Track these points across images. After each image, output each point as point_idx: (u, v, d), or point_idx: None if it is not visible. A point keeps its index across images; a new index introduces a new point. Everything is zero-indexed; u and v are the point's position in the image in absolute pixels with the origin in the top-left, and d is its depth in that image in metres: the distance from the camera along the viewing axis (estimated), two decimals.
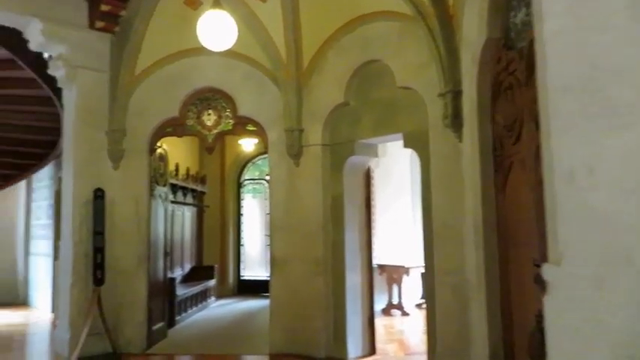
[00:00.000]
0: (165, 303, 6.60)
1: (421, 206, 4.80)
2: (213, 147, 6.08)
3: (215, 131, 6.03)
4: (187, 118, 6.02)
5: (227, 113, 5.99)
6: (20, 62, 6.22)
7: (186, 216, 9.24)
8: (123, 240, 5.84)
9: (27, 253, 9.72)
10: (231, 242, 10.72)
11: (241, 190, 11.02)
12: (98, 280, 5.52)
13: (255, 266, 10.89)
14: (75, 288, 5.53)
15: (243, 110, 5.90)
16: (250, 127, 6.00)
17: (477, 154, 3.52)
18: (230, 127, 6.01)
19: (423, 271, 4.98)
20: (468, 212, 3.85)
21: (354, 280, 5.50)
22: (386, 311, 7.92)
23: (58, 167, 8.62)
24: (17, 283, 9.66)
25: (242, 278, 10.85)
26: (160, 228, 6.44)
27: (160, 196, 6.47)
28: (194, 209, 9.73)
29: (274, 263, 5.72)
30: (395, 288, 8.03)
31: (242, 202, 11.00)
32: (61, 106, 6.16)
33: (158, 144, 6.29)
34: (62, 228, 5.81)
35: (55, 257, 7.29)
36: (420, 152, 4.80)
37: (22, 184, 9.63)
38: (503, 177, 3.23)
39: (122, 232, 5.84)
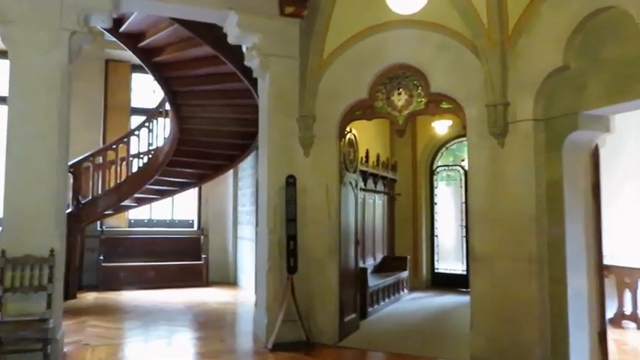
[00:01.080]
0: (356, 294, 6.37)
1: None
2: (403, 130, 5.58)
3: (406, 112, 5.51)
4: (376, 100, 5.63)
5: (419, 91, 5.42)
6: (222, 57, 6.58)
7: (377, 204, 8.97)
8: (314, 228, 5.74)
9: (235, 236, 10.58)
10: (424, 232, 10.15)
11: (434, 177, 10.34)
12: (291, 268, 5.50)
13: (449, 258, 10.15)
14: (270, 274, 5.61)
15: (437, 86, 5.26)
16: (445, 105, 5.33)
17: None
18: (422, 107, 5.44)
19: None
20: None
21: (577, 284, 4.47)
22: (615, 322, 6.50)
23: (259, 158, 9.11)
24: (228, 265, 10.60)
25: (436, 271, 10.21)
26: (350, 216, 6.21)
27: (350, 183, 6.23)
28: (384, 197, 9.41)
29: (474, 258, 4.99)
30: (627, 294, 6.54)
31: (435, 190, 10.32)
32: (258, 96, 6.33)
33: (347, 129, 6.05)
34: (258, 214, 5.96)
35: (256, 242, 7.67)
36: None
37: (230, 173, 10.49)
38: None
39: (313, 219, 5.75)
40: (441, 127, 8.67)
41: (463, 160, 10.04)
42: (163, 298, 8.53)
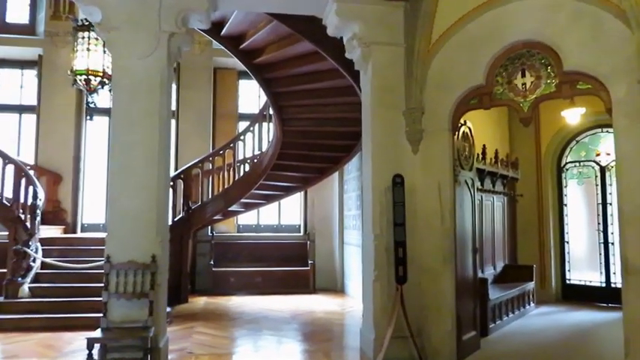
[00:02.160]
0: (476, 307, 5.61)
1: None
2: (529, 118, 4.76)
3: (532, 97, 4.70)
4: (495, 85, 4.89)
5: (548, 71, 4.59)
6: (322, 52, 6.23)
7: (496, 206, 8.05)
8: (425, 233, 5.13)
9: (342, 242, 10.20)
10: (552, 238, 8.96)
11: (563, 175, 9.11)
12: (400, 278, 4.94)
13: (583, 268, 8.85)
14: (377, 284, 5.09)
15: (571, 63, 4.40)
16: (582, 86, 4.45)
17: None
18: (553, 90, 4.59)
19: None
20: None
21: None
22: None
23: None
24: (335, 271, 10.23)
25: (567, 282, 8.95)
26: (466, 219, 5.49)
27: (466, 182, 5.51)
28: (504, 198, 8.44)
29: (629, 271, 4.04)
30: None
31: (564, 189, 9.08)
32: (361, 91, 5.87)
33: (461, 121, 5.35)
34: (363, 219, 5.47)
35: (362, 248, 7.20)
36: None
37: (335, 176, 10.14)
38: None
39: (424, 223, 5.14)
40: (573, 115, 7.49)
41: (599, 155, 8.74)
42: (270, 304, 8.37)
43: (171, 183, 8.75)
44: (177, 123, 10.14)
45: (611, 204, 8.49)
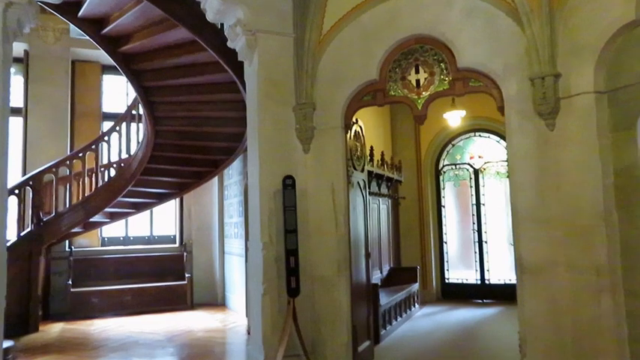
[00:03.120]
0: (369, 315, 5.33)
1: None
2: (424, 116, 4.59)
3: (426, 94, 4.54)
4: (389, 81, 4.65)
5: (442, 68, 4.46)
6: (200, 41, 5.58)
7: (381, 209, 7.98)
8: (319, 239, 4.72)
9: (222, 252, 9.49)
10: (432, 239, 9.16)
11: (440, 177, 9.37)
12: (292, 290, 4.46)
13: (459, 267, 9.17)
14: (266, 299, 4.53)
15: (465, 60, 4.29)
16: (474, 83, 4.37)
17: None
18: (446, 87, 4.47)
19: None
20: None
21: None
22: None
23: (247, 161, 8.07)
24: (215, 284, 9.46)
25: (447, 281, 9.20)
26: (359, 224, 5.20)
27: (358, 184, 5.23)
28: (389, 201, 8.42)
29: (523, 270, 3.99)
30: None
31: (442, 191, 9.35)
32: (244, 89, 5.31)
33: (353, 119, 5.05)
34: (249, 226, 4.90)
35: (246, 258, 6.62)
36: None
37: (215, 181, 9.41)
38: None
39: (317, 229, 4.73)
40: (454, 118, 7.65)
41: (472, 158, 9.13)
42: (141, 326, 7.40)
43: (16, 191, 7.41)
44: (25, 121, 8.70)
45: (484, 204, 8.92)
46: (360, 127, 5.35)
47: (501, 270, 8.70)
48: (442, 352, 5.70)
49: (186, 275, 9.08)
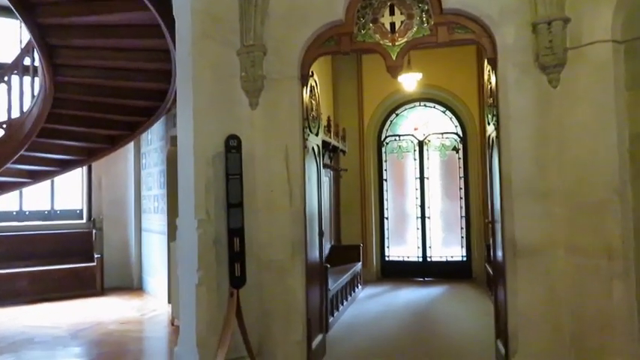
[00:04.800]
0: (322, 304, 4.58)
1: None
2: (399, 66, 3.81)
3: (403, 41, 3.76)
4: (358, 24, 3.81)
5: (422, 9, 3.69)
6: None
7: (323, 181, 7.18)
8: (268, 216, 3.85)
9: (139, 229, 8.30)
10: (373, 215, 8.57)
11: (383, 149, 8.75)
12: (236, 279, 3.57)
13: (401, 243, 8.70)
14: (202, 290, 3.61)
15: (452, 1, 3.55)
16: (460, 31, 3.64)
17: None
18: (427, 32, 3.71)
19: None
20: None
21: None
22: None
23: (171, 124, 6.94)
24: (130, 265, 8.29)
25: (387, 259, 8.70)
26: (313, 197, 4.38)
27: (313, 150, 4.38)
28: (331, 173, 7.67)
29: (516, 252, 3.39)
30: None
31: (385, 163, 8.75)
32: (172, 31, 4.21)
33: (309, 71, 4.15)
34: (180, 198, 3.90)
35: (171, 237, 5.59)
36: None
37: (130, 147, 8.14)
38: None
39: (267, 203, 3.85)
40: (409, 81, 6.90)
41: (417, 129, 8.58)
42: (40, 318, 6.17)
43: None
44: None
45: (428, 178, 8.46)
46: (316, 82, 4.47)
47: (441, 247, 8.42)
48: (395, 339, 5.08)
49: (96, 256, 7.86)
